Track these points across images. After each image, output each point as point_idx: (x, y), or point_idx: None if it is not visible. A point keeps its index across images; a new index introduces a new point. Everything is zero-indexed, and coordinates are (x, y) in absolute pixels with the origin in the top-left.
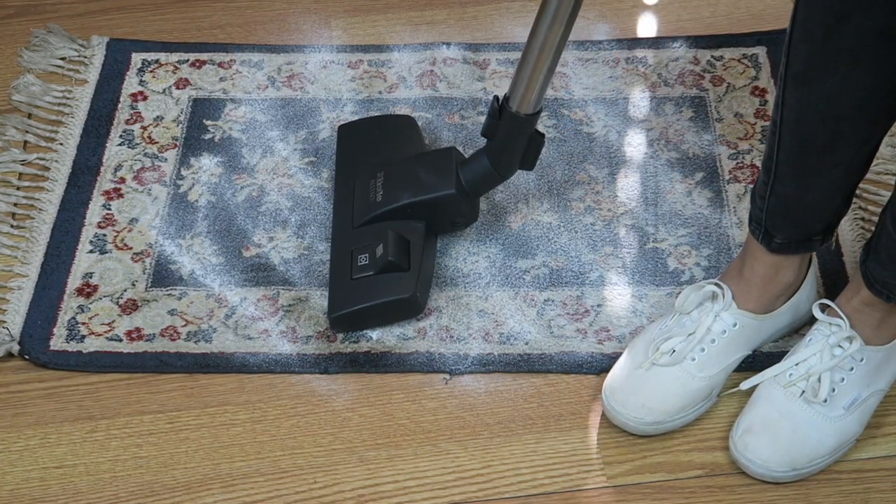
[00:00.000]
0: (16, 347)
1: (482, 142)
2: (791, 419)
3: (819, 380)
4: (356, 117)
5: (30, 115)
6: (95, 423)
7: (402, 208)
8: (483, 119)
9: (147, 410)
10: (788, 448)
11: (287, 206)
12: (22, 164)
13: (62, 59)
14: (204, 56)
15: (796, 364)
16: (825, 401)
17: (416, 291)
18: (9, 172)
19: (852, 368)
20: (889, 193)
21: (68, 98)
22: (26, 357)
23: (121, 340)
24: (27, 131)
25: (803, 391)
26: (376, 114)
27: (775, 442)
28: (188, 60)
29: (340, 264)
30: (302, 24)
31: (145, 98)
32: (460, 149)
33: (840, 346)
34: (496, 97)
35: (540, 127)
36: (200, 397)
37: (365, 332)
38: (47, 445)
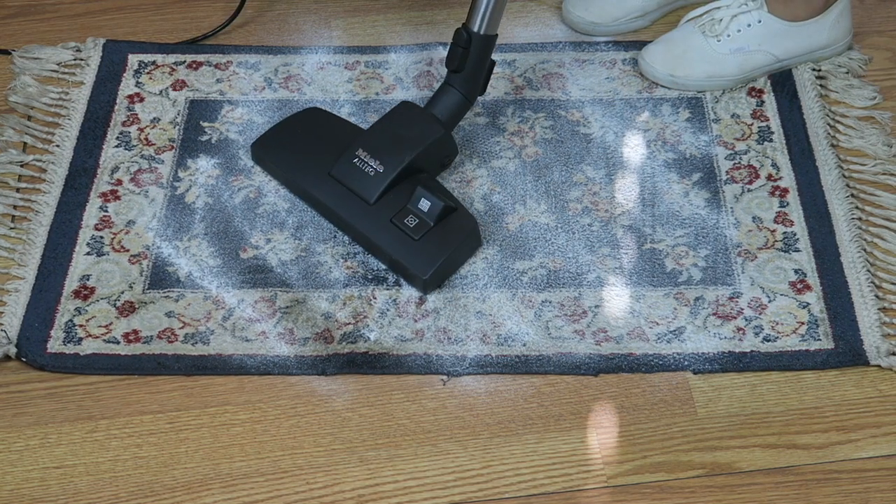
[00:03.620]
0: (13, 350)
1: (480, 144)
2: (686, 43)
3: (717, 20)
4: (354, 118)
5: (29, 118)
6: (95, 423)
7: (407, 166)
8: (479, 119)
9: (147, 410)
10: (674, 60)
11: (284, 207)
12: (20, 167)
13: (58, 63)
14: (200, 57)
15: (712, 9)
16: (717, 38)
17: (476, 222)
18: (6, 174)
19: (749, 25)
20: (887, 194)
21: (65, 100)
22: (24, 360)
23: (118, 343)
24: (25, 132)
25: (704, 27)
26: (374, 115)
27: (667, 52)
28: (185, 62)
29: (392, 238)
30: (302, 25)
31: (142, 100)
32: (459, 149)
33: (747, 4)
34: (459, 29)
35: (537, 126)
36: (200, 397)
37: (363, 332)
38: (47, 445)
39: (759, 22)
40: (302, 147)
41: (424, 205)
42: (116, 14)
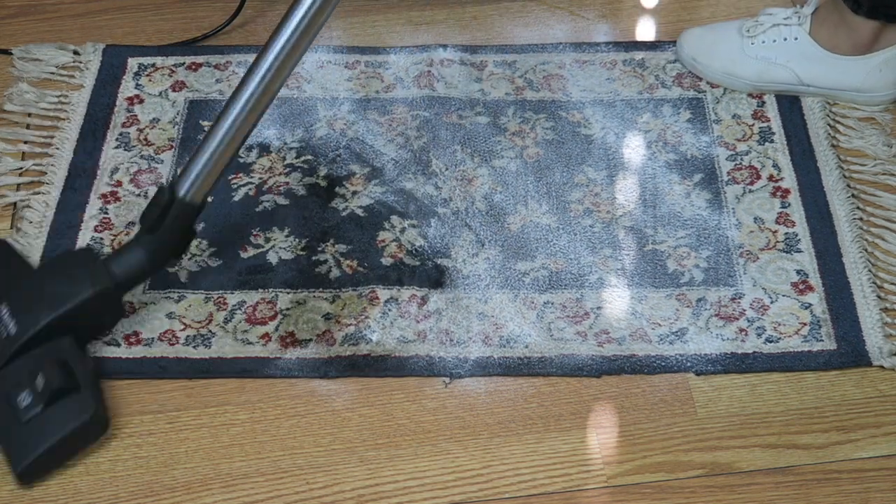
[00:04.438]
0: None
1: (481, 143)
2: (722, 35)
3: (760, 24)
4: (353, 116)
5: (28, 126)
6: None
7: (43, 330)
8: (480, 119)
9: (147, 410)
10: (703, 46)
11: (284, 204)
12: (19, 175)
13: (57, 66)
14: (200, 59)
15: (764, 14)
16: (751, 39)
17: (97, 408)
18: (5, 186)
19: (786, 39)
20: (888, 195)
21: (64, 102)
22: None
23: (119, 345)
24: (25, 141)
25: (746, 26)
26: (373, 112)
27: (701, 37)
28: (184, 63)
29: (1, 415)
30: None
31: (141, 101)
32: (458, 148)
33: (791, 18)
34: (161, 186)
35: (538, 127)
36: (200, 397)
37: (365, 334)
38: None
39: (796, 39)
40: None
41: (40, 383)
42: (116, 14)
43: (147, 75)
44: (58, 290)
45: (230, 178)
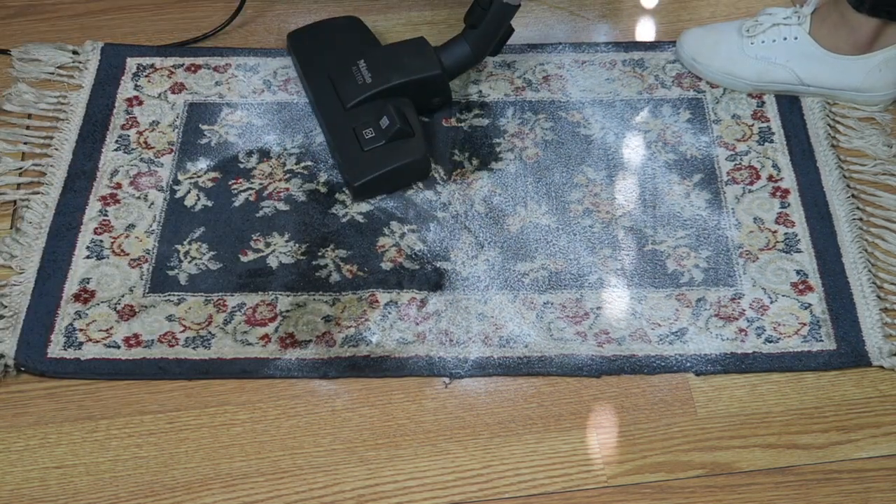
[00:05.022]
0: (11, 361)
1: (482, 144)
2: (722, 35)
3: (760, 24)
4: None
5: (27, 127)
6: (95, 423)
7: (393, 88)
8: (477, 120)
9: (147, 410)
10: (703, 46)
11: (284, 210)
12: (19, 175)
13: (57, 66)
14: (199, 60)
15: (764, 14)
16: (751, 39)
17: (426, 152)
18: (4, 186)
19: (786, 39)
20: (888, 195)
21: (63, 103)
22: (23, 369)
23: (119, 347)
24: (24, 142)
25: (745, 26)
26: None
27: (701, 38)
28: (183, 65)
29: (345, 142)
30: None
31: (141, 103)
32: (457, 151)
33: (790, 18)
34: None
35: (537, 128)
36: (200, 397)
37: (364, 336)
38: (47, 445)
39: (796, 39)
40: (324, 48)
41: (384, 122)
42: (116, 14)
43: (146, 76)
44: (408, 62)
45: (230, 183)
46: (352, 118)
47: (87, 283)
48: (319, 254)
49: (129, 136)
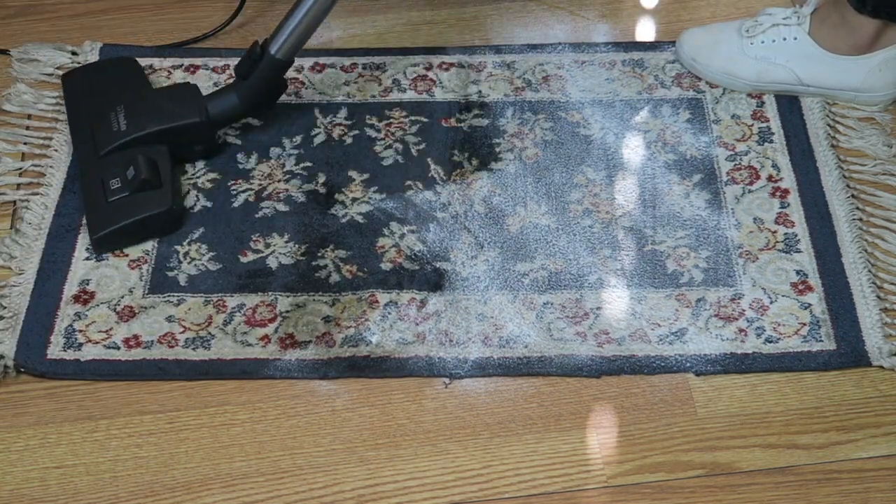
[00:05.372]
0: (11, 361)
1: (482, 144)
2: (722, 35)
3: (759, 24)
4: (351, 122)
5: (27, 127)
6: (95, 423)
7: (147, 135)
8: (477, 120)
9: (147, 410)
10: (703, 47)
11: (284, 210)
12: (19, 175)
13: (56, 67)
14: (198, 61)
15: (764, 14)
16: (751, 39)
17: (174, 204)
18: (4, 186)
19: (785, 39)
20: (888, 195)
21: (62, 104)
22: (23, 369)
23: (118, 348)
24: (24, 143)
25: (745, 26)
26: (369, 116)
27: (701, 38)
28: (182, 65)
29: (93, 192)
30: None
31: None
32: (457, 151)
33: (790, 18)
34: (256, 42)
35: (537, 128)
36: (200, 397)
37: (364, 336)
38: (47, 445)
39: (795, 39)
40: (92, 92)
41: (130, 172)
42: (117, 14)
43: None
44: (168, 108)
45: (230, 184)
46: (103, 167)
47: (87, 284)
48: (319, 254)
49: None
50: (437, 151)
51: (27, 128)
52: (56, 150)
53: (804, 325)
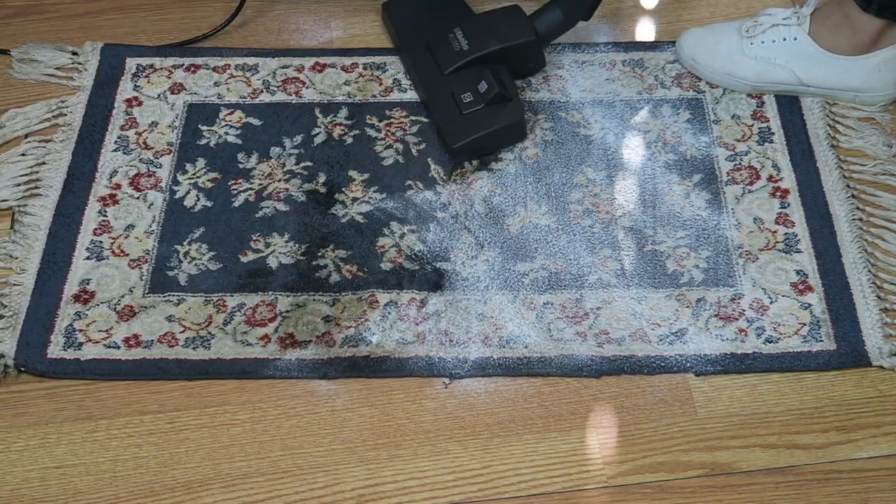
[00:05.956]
0: (11, 361)
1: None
2: (722, 36)
3: (759, 24)
4: (351, 122)
5: (26, 136)
6: (95, 423)
7: (489, 54)
8: None
9: (147, 410)
10: (703, 47)
11: (284, 210)
12: (18, 174)
13: (55, 67)
14: (198, 61)
15: (764, 14)
16: (751, 40)
17: (523, 116)
18: (5, 174)
19: (785, 39)
20: (888, 195)
21: (62, 105)
22: (23, 369)
23: (118, 348)
24: (25, 140)
25: (745, 26)
26: (370, 115)
27: (701, 38)
28: (183, 65)
29: (444, 106)
30: (302, 25)
31: (140, 103)
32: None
33: (790, 18)
34: None
35: (537, 128)
36: (200, 397)
37: (364, 336)
38: (47, 445)
39: (795, 39)
40: (419, 17)
41: (482, 87)
42: (117, 14)
43: (145, 77)
44: (504, 29)
45: (230, 183)
46: (450, 84)
47: (87, 283)
48: (319, 254)
49: (128, 136)
50: (438, 151)
51: (26, 136)
52: (56, 151)
53: (804, 325)
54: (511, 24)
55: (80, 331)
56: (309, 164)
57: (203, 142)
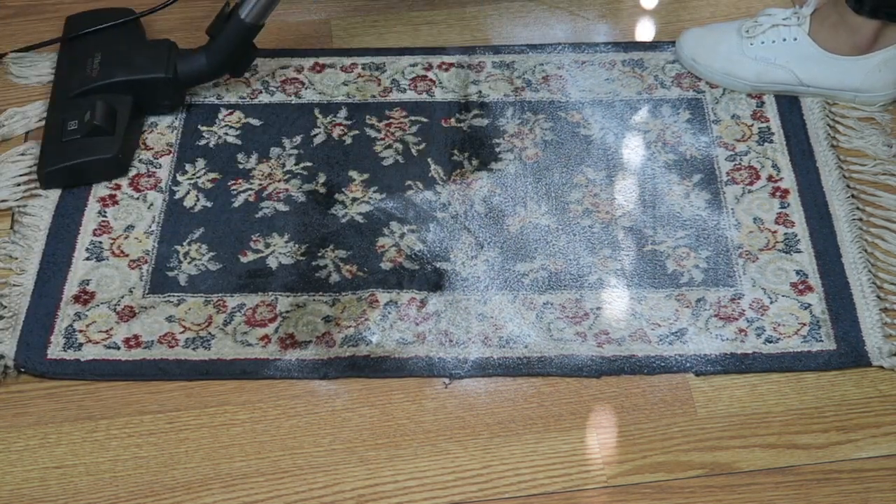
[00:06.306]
0: (11, 361)
1: (479, 146)
2: (722, 36)
3: (759, 24)
4: (351, 122)
5: (26, 136)
6: (95, 423)
7: (114, 84)
8: (477, 120)
9: (147, 410)
10: (702, 47)
11: (284, 210)
12: (18, 174)
13: (53, 69)
14: None
15: (763, 14)
16: (751, 40)
17: (119, 153)
18: (4, 175)
19: (785, 40)
20: (888, 195)
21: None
22: (23, 369)
23: (118, 348)
24: (25, 140)
25: (745, 26)
26: (369, 116)
27: (701, 38)
28: None
29: (53, 129)
30: (302, 25)
31: None
32: (457, 151)
33: (790, 19)
34: (227, 2)
35: (537, 128)
36: (200, 397)
37: (364, 336)
38: (47, 445)
39: (795, 40)
40: (86, 34)
41: (87, 117)
42: None
43: None
44: (139, 62)
45: (230, 184)
46: (67, 108)
47: (87, 284)
48: (319, 254)
49: None
50: (437, 151)
51: (25, 136)
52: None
53: (804, 325)
54: (149, 58)
55: (80, 331)
56: (309, 164)
57: (203, 142)
